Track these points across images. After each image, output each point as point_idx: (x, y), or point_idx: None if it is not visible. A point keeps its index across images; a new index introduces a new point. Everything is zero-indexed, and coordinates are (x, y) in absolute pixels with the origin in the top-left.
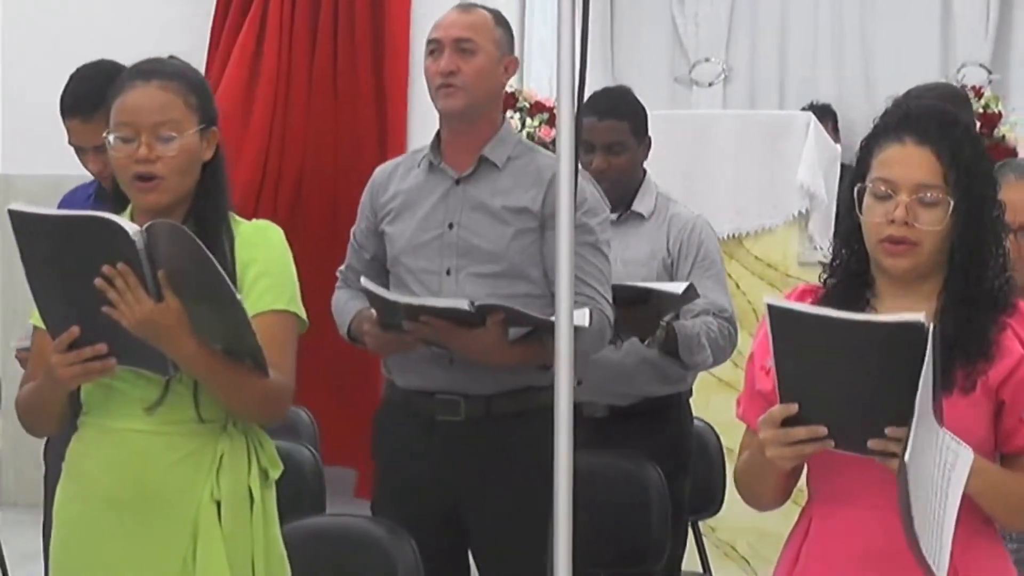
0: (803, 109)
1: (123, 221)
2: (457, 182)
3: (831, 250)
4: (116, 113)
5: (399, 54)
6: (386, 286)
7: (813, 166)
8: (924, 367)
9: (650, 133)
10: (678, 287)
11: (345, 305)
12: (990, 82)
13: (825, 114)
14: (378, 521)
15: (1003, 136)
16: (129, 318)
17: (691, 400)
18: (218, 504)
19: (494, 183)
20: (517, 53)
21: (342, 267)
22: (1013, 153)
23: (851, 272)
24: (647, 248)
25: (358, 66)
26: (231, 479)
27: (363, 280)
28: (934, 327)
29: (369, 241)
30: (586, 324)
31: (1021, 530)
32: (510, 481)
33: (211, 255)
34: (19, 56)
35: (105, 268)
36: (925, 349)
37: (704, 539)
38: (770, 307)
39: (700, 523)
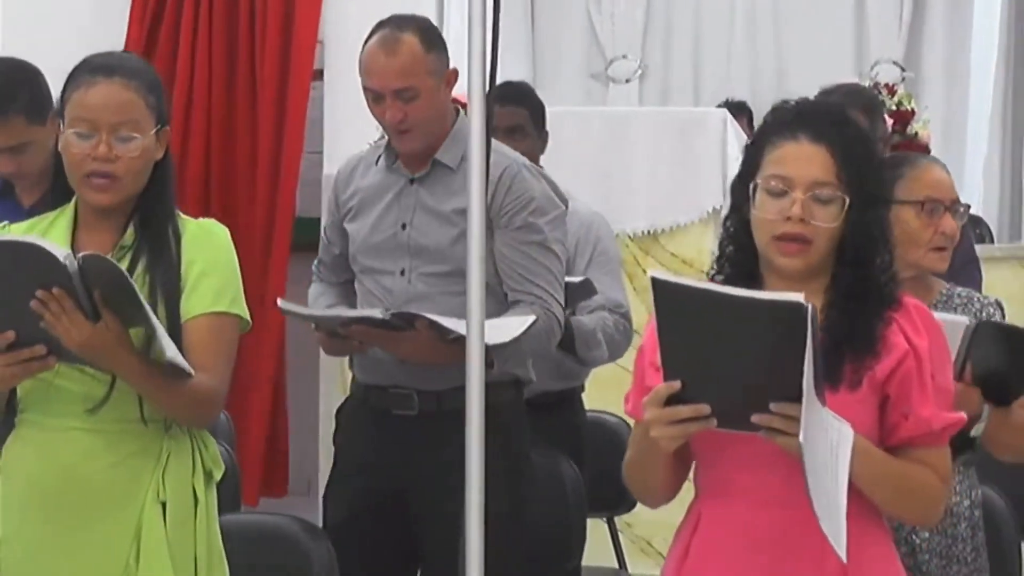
0: (718, 106)
1: (51, 246)
2: (411, 182)
3: (717, 246)
4: (75, 107)
5: (305, 51)
6: (352, 279)
7: (736, 163)
8: (807, 347)
9: (565, 129)
10: (575, 279)
11: (315, 302)
12: (903, 80)
13: (740, 111)
14: (294, 519)
15: (916, 133)
16: (68, 342)
17: (585, 395)
18: (163, 505)
19: (447, 184)
20: None
21: (316, 260)
22: (926, 149)
23: (739, 269)
24: None
25: (265, 65)
26: (176, 480)
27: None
28: (813, 307)
29: (336, 236)
30: (524, 326)
31: (901, 517)
32: (457, 479)
33: (137, 292)
34: None
35: (39, 293)
36: (804, 329)
37: (620, 535)
38: (654, 280)
39: (616, 519)
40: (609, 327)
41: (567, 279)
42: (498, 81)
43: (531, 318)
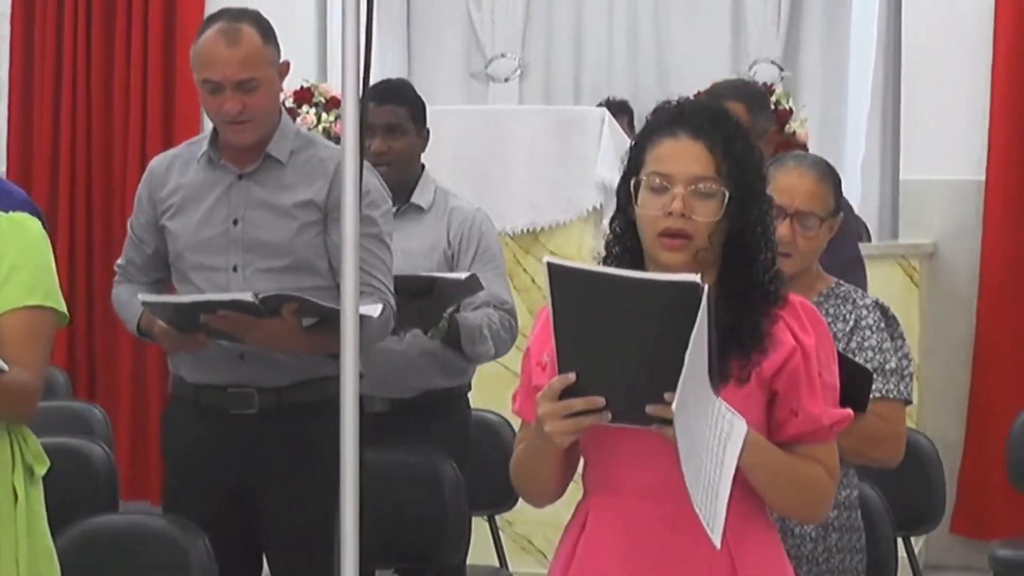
0: (599, 105)
1: None
2: (240, 177)
3: (603, 245)
4: None
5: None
6: (168, 279)
7: (611, 162)
8: (696, 325)
9: (445, 128)
10: (462, 275)
11: (130, 300)
12: (781, 79)
13: (621, 110)
14: (171, 517)
15: (794, 132)
16: None
17: (471, 394)
18: None
19: (278, 178)
20: (317, 48)
21: (120, 261)
22: (804, 148)
23: (624, 267)
24: (428, 240)
25: (148, 57)
26: None
27: (141, 295)
28: (709, 288)
29: (149, 235)
30: (376, 315)
31: (790, 513)
32: (302, 473)
33: None
34: None
35: None
36: (699, 310)
37: (501, 533)
38: (550, 265)
39: (496, 517)
40: (495, 324)
41: (453, 275)
42: (374, 80)
43: (379, 306)
